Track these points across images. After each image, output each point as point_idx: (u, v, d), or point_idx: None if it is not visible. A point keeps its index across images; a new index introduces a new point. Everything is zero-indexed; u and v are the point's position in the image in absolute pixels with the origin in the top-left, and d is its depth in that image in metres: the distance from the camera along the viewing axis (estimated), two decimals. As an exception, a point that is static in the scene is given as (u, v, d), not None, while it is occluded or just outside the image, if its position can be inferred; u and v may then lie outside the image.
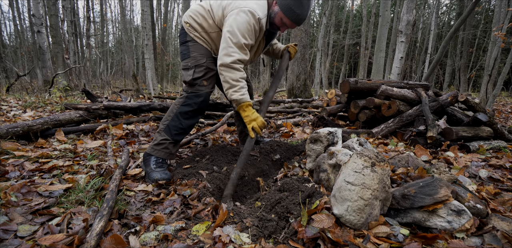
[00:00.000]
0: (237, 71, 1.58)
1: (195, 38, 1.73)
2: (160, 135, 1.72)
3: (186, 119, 1.73)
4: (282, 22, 1.68)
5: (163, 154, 1.70)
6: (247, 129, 2.03)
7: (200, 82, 1.73)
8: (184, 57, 1.76)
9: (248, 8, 1.54)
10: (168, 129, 1.71)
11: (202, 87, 1.74)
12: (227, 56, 1.54)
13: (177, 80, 16.60)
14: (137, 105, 3.35)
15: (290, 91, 6.23)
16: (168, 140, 1.70)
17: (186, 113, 1.72)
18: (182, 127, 1.72)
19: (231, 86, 1.59)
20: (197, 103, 1.72)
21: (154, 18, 12.03)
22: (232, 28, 1.52)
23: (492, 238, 1.03)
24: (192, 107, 1.72)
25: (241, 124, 2.26)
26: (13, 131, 2.12)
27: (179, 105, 1.74)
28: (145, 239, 1.05)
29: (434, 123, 2.54)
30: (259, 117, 1.65)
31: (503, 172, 1.90)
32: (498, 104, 8.75)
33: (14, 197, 1.26)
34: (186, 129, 1.74)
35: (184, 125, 1.72)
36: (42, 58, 7.75)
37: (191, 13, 1.73)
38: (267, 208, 1.25)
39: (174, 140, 1.72)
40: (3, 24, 20.06)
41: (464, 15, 4.92)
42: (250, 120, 1.64)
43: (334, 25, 15.73)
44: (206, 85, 1.75)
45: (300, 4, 1.60)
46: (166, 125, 1.72)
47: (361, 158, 1.14)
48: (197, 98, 1.73)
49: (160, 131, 1.73)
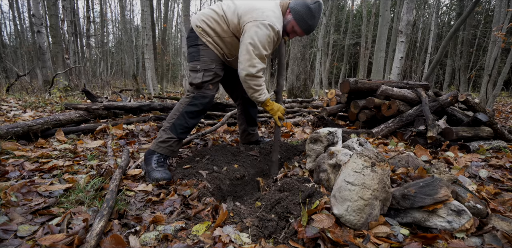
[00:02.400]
0: (260, 78, 1.72)
1: (207, 43, 1.78)
2: (165, 133, 1.76)
3: (191, 118, 1.80)
4: (293, 30, 1.79)
5: (167, 151, 1.74)
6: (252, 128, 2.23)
7: (207, 86, 1.81)
8: (193, 59, 1.81)
9: (268, 22, 1.60)
10: (174, 127, 1.76)
11: (208, 91, 1.82)
12: (252, 67, 1.65)
13: (177, 80, 16.60)
14: (137, 105, 3.35)
15: (290, 91, 6.23)
16: (174, 138, 1.76)
17: (192, 112, 1.79)
18: (187, 125, 1.79)
19: (256, 91, 1.75)
20: (203, 104, 1.81)
21: (154, 18, 12.03)
22: (254, 41, 1.60)
23: (492, 238, 1.03)
24: (198, 107, 1.80)
25: (244, 123, 2.29)
26: (13, 131, 2.12)
27: (185, 105, 1.80)
28: (145, 239, 1.05)
29: (434, 123, 2.54)
30: (280, 106, 1.87)
31: (503, 172, 1.90)
32: (498, 104, 8.75)
33: (14, 197, 1.26)
34: (190, 128, 1.82)
35: (189, 124, 1.79)
36: (42, 58, 7.74)
37: (204, 17, 1.76)
38: (267, 208, 1.25)
39: (179, 138, 1.78)
40: (3, 24, 20.07)
41: (464, 15, 4.92)
42: (275, 111, 1.85)
43: (334, 25, 15.73)
44: (211, 88, 1.84)
45: (312, 15, 1.71)
46: (172, 123, 1.77)
47: (361, 158, 1.14)
48: (203, 99, 1.80)
49: (165, 129, 1.77)
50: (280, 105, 1.88)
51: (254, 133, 2.36)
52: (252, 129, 2.32)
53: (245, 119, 2.26)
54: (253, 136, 2.35)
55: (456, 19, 15.75)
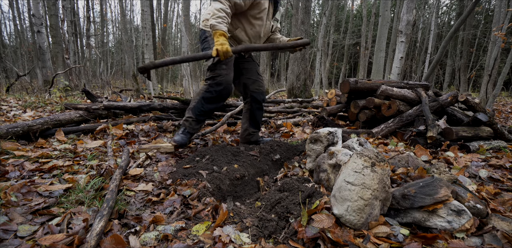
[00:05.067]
0: (222, 5, 1.82)
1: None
2: (187, 112, 2.11)
3: (208, 103, 2.04)
4: None
5: (189, 128, 2.11)
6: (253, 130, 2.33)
7: (219, 66, 1.97)
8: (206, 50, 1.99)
9: None
10: (193, 109, 2.08)
11: (222, 70, 1.97)
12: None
13: (177, 80, 16.60)
14: (137, 105, 3.35)
15: (290, 91, 6.23)
16: (192, 118, 2.08)
17: (208, 98, 2.03)
18: (203, 109, 2.06)
19: (212, 14, 1.81)
20: (217, 91, 1.99)
21: (154, 18, 12.03)
22: None
23: (492, 238, 1.03)
24: (212, 94, 2.00)
25: (247, 123, 2.34)
26: (13, 131, 2.12)
27: (203, 91, 2.03)
28: (145, 239, 1.05)
29: (434, 123, 2.54)
30: (228, 46, 1.79)
31: (503, 172, 1.90)
32: (498, 104, 8.74)
33: (14, 197, 1.26)
34: (207, 112, 2.08)
35: (205, 108, 2.05)
36: (42, 58, 7.74)
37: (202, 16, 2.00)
38: (267, 208, 1.25)
39: (197, 119, 2.08)
40: (3, 24, 20.06)
41: (464, 15, 4.92)
42: (219, 44, 1.78)
43: (334, 25, 15.73)
44: (225, 68, 1.98)
45: None
46: (194, 105, 2.08)
47: (361, 158, 1.14)
48: (217, 86, 1.98)
49: (189, 109, 2.11)
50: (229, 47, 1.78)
51: (254, 134, 2.38)
52: (253, 131, 2.36)
53: (249, 119, 2.32)
54: (253, 136, 2.37)
55: (456, 19, 15.75)
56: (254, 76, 2.27)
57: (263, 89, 2.31)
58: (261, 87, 2.30)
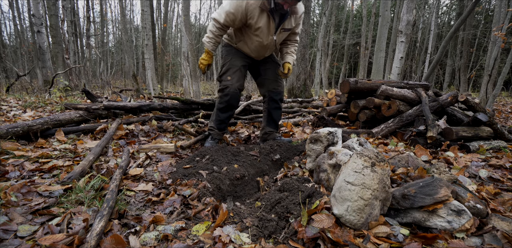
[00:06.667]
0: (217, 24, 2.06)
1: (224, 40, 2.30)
2: (210, 123, 2.39)
3: (222, 113, 2.30)
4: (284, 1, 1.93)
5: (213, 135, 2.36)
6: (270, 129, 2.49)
7: (225, 77, 2.20)
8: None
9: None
10: (214, 120, 2.34)
11: (227, 82, 2.18)
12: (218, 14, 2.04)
13: (177, 80, 16.60)
14: (137, 105, 3.35)
15: (290, 91, 6.23)
16: (214, 127, 2.34)
17: (221, 109, 2.28)
18: (220, 118, 2.31)
19: (207, 33, 2.14)
20: (226, 101, 2.22)
21: (154, 18, 12.02)
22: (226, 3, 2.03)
23: (492, 238, 1.03)
24: (223, 105, 2.25)
25: (265, 121, 2.46)
26: (13, 131, 2.12)
27: (217, 103, 2.30)
28: (145, 239, 1.05)
29: (434, 123, 2.54)
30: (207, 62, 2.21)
31: (503, 172, 1.90)
32: (498, 104, 8.74)
33: (14, 197, 1.26)
34: (223, 120, 2.32)
35: (221, 118, 2.31)
36: (42, 58, 7.74)
37: None
38: (267, 208, 1.25)
39: (218, 128, 2.34)
40: (3, 24, 20.05)
41: (464, 15, 4.92)
42: (201, 59, 2.21)
43: (334, 25, 15.72)
44: (230, 79, 2.18)
45: None
46: (214, 118, 2.35)
47: (361, 158, 1.14)
48: (225, 97, 2.20)
49: (211, 120, 2.39)
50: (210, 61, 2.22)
51: (271, 133, 2.46)
52: (270, 130, 2.45)
53: (267, 118, 2.44)
54: (270, 135, 2.46)
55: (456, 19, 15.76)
56: (272, 77, 2.36)
57: (281, 89, 2.38)
58: (279, 87, 2.37)
